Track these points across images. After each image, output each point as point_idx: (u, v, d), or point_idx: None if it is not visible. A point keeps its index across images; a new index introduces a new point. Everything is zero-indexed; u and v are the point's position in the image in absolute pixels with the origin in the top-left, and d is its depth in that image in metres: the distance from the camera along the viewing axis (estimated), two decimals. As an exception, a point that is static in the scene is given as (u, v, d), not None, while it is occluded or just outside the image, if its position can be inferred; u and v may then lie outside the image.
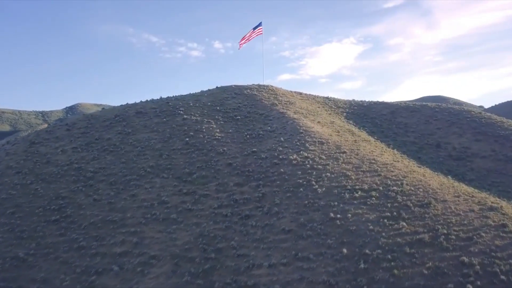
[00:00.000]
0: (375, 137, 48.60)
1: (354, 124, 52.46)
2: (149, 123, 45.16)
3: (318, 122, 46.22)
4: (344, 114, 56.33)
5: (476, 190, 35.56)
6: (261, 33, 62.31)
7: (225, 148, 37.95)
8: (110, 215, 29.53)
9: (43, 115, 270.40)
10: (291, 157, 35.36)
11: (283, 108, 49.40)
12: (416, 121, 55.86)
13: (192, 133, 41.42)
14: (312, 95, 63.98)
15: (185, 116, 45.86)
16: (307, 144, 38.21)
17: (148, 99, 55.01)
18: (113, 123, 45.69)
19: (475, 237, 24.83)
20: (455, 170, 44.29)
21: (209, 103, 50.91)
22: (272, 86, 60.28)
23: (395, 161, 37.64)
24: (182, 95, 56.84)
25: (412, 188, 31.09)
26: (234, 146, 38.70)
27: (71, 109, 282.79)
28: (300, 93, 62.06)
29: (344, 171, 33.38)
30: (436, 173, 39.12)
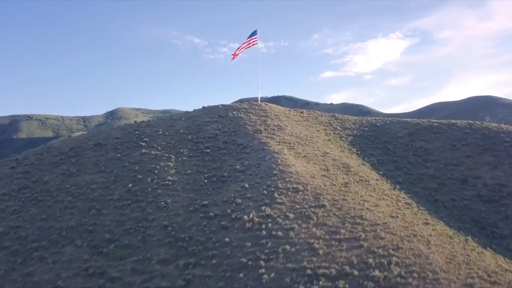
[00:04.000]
0: (382, 171, 38.85)
1: (359, 152, 42.80)
2: (102, 159, 37.97)
3: (305, 156, 37.15)
4: (350, 138, 46.70)
5: (505, 263, 25.55)
6: (256, 43, 53.98)
7: (169, 200, 29.89)
8: (-16, 309, 22.30)
9: (84, 120, 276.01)
10: (246, 217, 26.73)
11: (267, 136, 40.70)
12: (440, 146, 45.25)
13: (140, 176, 33.74)
14: (318, 113, 54.72)
15: (144, 150, 38.29)
16: (276, 194, 29.43)
17: (124, 124, 48.22)
18: (63, 159, 38.92)
19: None
20: (483, 218, 33.85)
21: (182, 130, 43.15)
22: (266, 105, 51.71)
23: (392, 217, 28.12)
24: (161, 118, 49.83)
25: (403, 273, 21.65)
26: (183, 196, 30.57)
27: (111, 114, 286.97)
28: (302, 112, 52.96)
29: (312, 240, 24.38)
30: (453, 229, 29.22)
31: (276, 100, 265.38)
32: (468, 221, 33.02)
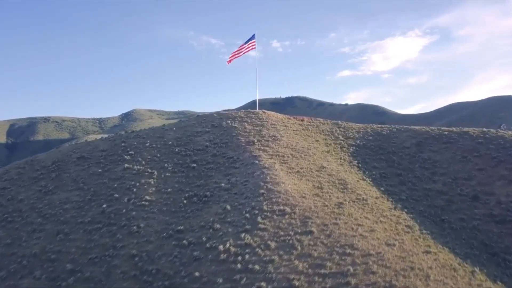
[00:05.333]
0: (383, 187, 35.62)
1: (360, 164, 39.60)
2: (83, 174, 35.77)
3: (298, 171, 34.21)
4: (352, 148, 43.49)
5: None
6: (255, 47, 51.24)
7: (142, 224, 27.40)
8: None
9: (100, 122, 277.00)
10: (221, 246, 24.00)
11: (259, 149, 37.88)
12: (450, 158, 41.63)
13: (117, 195, 31.38)
14: (320, 120, 51.56)
15: (126, 165, 35.94)
16: (259, 218, 26.63)
17: (112, 135, 46.03)
18: (43, 174, 36.89)
19: None
20: (494, 242, 30.33)
21: (170, 142, 40.69)
22: (264, 112, 48.88)
23: (388, 244, 25.00)
24: (152, 128, 47.38)
25: (393, 319, 18.73)
26: (159, 220, 28.03)
27: (126, 116, 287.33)
28: (302, 120, 49.94)
29: (292, 276, 21.52)
30: (458, 258, 25.92)
31: (290, 100, 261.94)
32: (477, 246, 29.59)
